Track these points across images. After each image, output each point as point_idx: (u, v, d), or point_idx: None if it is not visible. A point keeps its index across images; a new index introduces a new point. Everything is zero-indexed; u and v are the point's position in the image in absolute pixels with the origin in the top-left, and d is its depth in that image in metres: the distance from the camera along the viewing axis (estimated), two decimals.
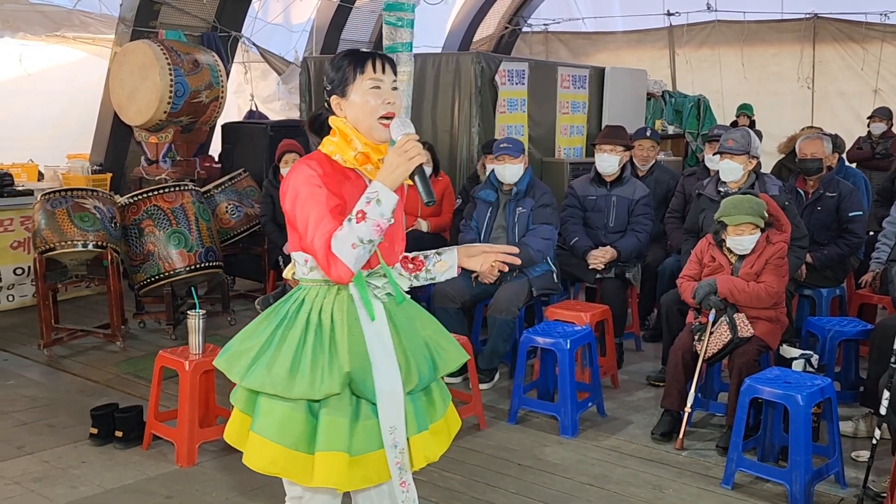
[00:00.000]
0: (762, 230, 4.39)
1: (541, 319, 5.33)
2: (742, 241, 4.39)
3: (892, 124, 8.54)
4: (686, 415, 4.35)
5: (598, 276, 5.59)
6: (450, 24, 11.84)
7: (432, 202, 2.29)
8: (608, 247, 5.55)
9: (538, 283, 5.24)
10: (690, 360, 4.40)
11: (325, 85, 2.41)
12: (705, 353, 4.33)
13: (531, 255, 5.15)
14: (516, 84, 7.40)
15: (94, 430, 4.33)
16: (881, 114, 8.54)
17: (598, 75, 8.44)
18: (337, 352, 2.28)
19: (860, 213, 5.53)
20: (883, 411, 3.58)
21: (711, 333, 4.33)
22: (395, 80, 2.39)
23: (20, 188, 6.84)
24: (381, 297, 2.36)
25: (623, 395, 5.19)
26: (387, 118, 2.32)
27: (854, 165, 7.92)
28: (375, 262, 2.36)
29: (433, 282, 2.55)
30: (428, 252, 2.55)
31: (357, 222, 2.20)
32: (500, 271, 4.67)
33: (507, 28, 12.37)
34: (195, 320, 4.16)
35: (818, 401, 3.87)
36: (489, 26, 12.30)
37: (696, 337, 4.39)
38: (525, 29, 12.71)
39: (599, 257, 5.51)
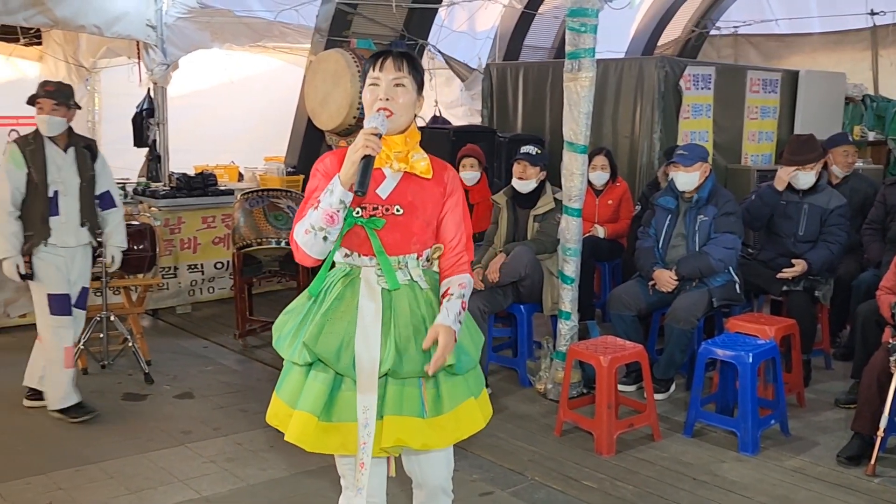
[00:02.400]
0: None
1: (721, 331, 5.17)
2: None
3: None
4: (879, 439, 4.09)
5: (784, 288, 5.35)
6: (634, 28, 11.65)
7: (360, 193, 2.31)
8: (801, 260, 5.30)
9: (719, 293, 5.08)
10: (886, 381, 4.13)
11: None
12: None
13: (712, 264, 5.00)
14: (702, 89, 7.20)
15: None
16: None
17: (792, 79, 8.08)
18: (308, 324, 2.45)
19: None
20: None
21: None
22: (399, 78, 2.44)
23: (222, 188, 7.34)
24: (383, 284, 2.46)
25: (809, 414, 4.94)
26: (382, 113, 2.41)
27: None
28: (371, 251, 2.45)
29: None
30: (453, 296, 2.50)
31: (314, 210, 2.35)
32: (678, 279, 4.52)
33: (693, 31, 12.03)
34: None
35: None
36: (675, 30, 12.00)
37: (894, 357, 4.12)
38: (713, 32, 12.31)
39: (789, 272, 5.27)
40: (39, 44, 9.19)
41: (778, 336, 4.73)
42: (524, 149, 5.43)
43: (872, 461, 4.09)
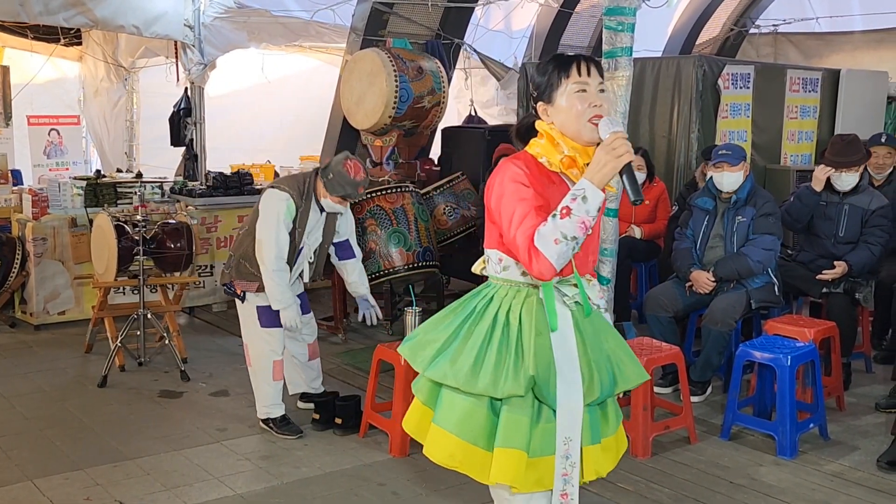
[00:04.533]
0: None
1: (759, 333, 5.10)
2: None
3: None
4: None
5: (824, 290, 5.26)
6: (672, 27, 11.55)
7: (639, 201, 2.26)
8: (841, 262, 5.21)
9: (757, 294, 5.01)
10: None
11: (531, 91, 2.45)
12: None
13: (751, 266, 4.93)
14: (741, 88, 7.11)
15: (317, 416, 4.61)
16: None
17: (833, 78, 7.95)
18: (523, 354, 2.30)
19: None
20: None
21: None
22: (601, 83, 2.36)
23: (258, 187, 7.40)
24: (570, 305, 2.38)
25: (849, 418, 4.85)
26: (595, 120, 2.30)
27: None
28: (569, 270, 2.36)
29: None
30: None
31: (561, 218, 2.19)
32: (716, 280, 4.47)
33: (732, 30, 11.88)
34: (412, 317, 4.33)
35: None
36: (713, 28, 11.86)
37: None
38: (752, 30, 12.15)
39: (829, 273, 5.20)
40: (79, 44, 9.34)
41: (817, 339, 4.65)
42: None
43: None
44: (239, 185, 7.17)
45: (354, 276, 4.75)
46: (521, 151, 2.44)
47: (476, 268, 2.57)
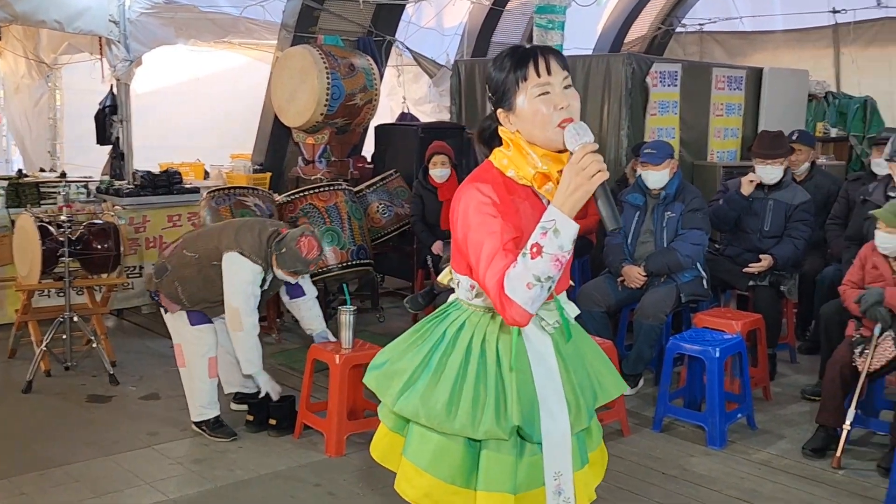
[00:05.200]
0: None
1: (689, 326, 5.20)
2: (881, 237, 4.14)
3: None
4: (844, 432, 4.15)
5: (751, 283, 5.40)
6: (601, 25, 11.70)
7: (617, 229, 2.02)
8: (767, 255, 5.36)
9: (687, 288, 5.11)
10: (849, 375, 4.19)
11: (488, 95, 2.15)
12: (867, 368, 4.11)
13: (680, 260, 5.03)
14: (668, 86, 7.24)
15: (250, 417, 4.55)
16: None
17: (756, 76, 8.15)
18: (505, 397, 2.10)
19: None
20: None
21: (876, 346, 4.10)
22: (566, 77, 2.07)
23: (188, 186, 7.26)
24: (550, 330, 2.16)
25: (775, 408, 4.99)
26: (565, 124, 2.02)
27: None
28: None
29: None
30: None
31: (532, 258, 1.90)
32: (647, 275, 4.58)
33: (660, 29, 12.10)
34: (346, 316, 4.30)
35: None
36: (641, 27, 12.06)
37: (858, 351, 4.17)
38: (679, 29, 12.39)
39: (755, 266, 5.34)
40: None
41: (744, 330, 4.77)
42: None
43: (838, 453, 4.14)
44: (168, 184, 7.03)
45: (304, 312, 4.73)
46: (486, 164, 2.17)
47: (443, 278, 2.33)
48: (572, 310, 2.29)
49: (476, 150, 2.30)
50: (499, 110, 2.12)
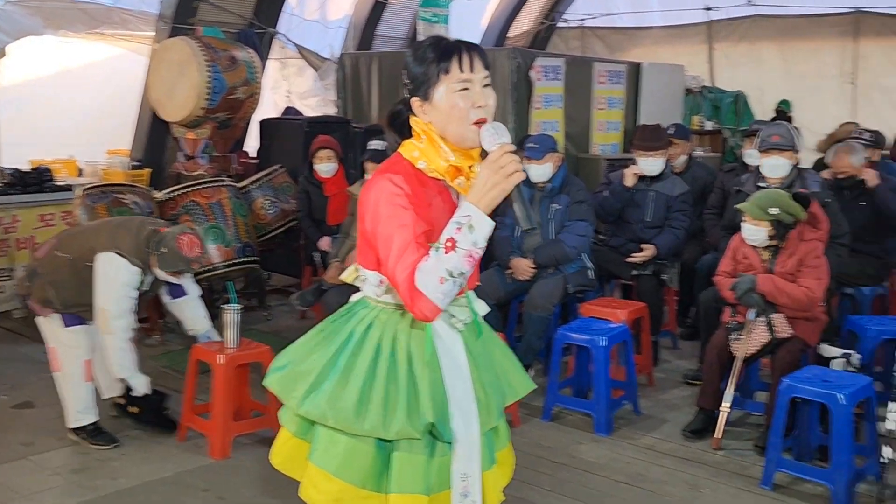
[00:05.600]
0: (786, 226, 4.29)
1: (576, 316, 5.30)
2: (747, 228, 4.31)
3: None
4: (723, 414, 4.31)
5: (634, 272, 5.55)
6: (485, 19, 11.80)
7: (534, 230, 2.06)
8: (649, 245, 5.51)
9: (574, 279, 5.21)
10: (727, 359, 4.35)
11: (404, 81, 2.12)
12: (743, 352, 4.28)
13: (567, 251, 5.12)
14: (552, 80, 7.36)
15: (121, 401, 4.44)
16: None
17: (635, 70, 8.37)
18: (417, 393, 2.06)
19: None
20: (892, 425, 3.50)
21: (750, 332, 4.27)
22: (486, 76, 2.07)
23: (60, 183, 6.94)
24: (460, 327, 2.14)
25: (659, 393, 5.15)
26: (479, 123, 2.03)
27: None
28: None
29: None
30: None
31: (446, 252, 1.89)
32: (535, 267, 4.63)
33: (542, 24, 12.30)
34: (230, 315, 4.20)
35: (860, 400, 3.81)
36: (525, 22, 12.22)
37: (733, 336, 4.34)
38: (561, 24, 12.62)
39: (639, 256, 5.48)
40: None
41: (629, 319, 4.90)
42: (370, 145, 5.33)
43: (718, 434, 4.29)
44: (38, 181, 6.70)
45: (187, 312, 4.58)
46: (395, 156, 2.13)
47: (348, 276, 2.27)
48: (482, 308, 2.27)
49: (385, 133, 2.24)
50: (414, 99, 2.10)
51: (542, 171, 5.20)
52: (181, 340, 6.00)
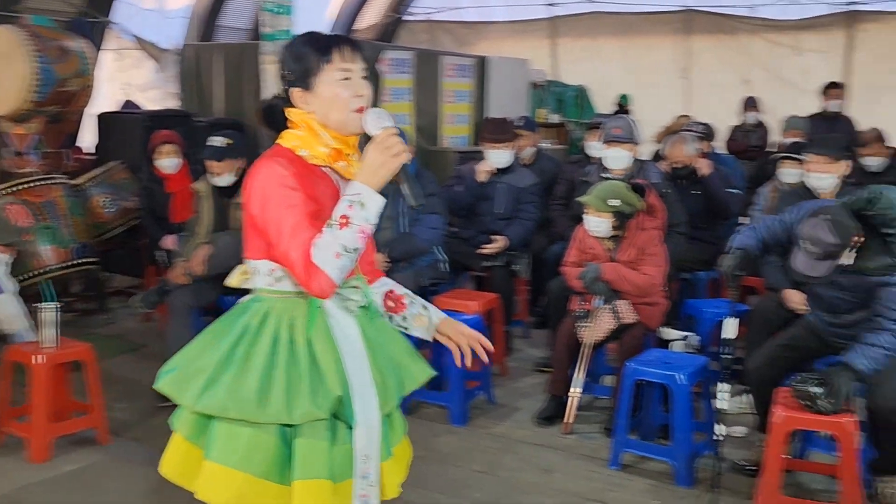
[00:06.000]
0: (626, 216, 4.45)
1: None
2: (590, 220, 4.45)
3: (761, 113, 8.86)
4: (572, 399, 4.43)
5: (486, 264, 5.62)
6: (330, 11, 11.68)
7: (421, 207, 2.09)
8: (500, 236, 5.59)
9: (427, 272, 5.23)
10: (575, 346, 4.47)
11: (282, 73, 2.16)
12: (590, 338, 4.41)
13: (419, 245, 5.12)
14: (401, 73, 7.37)
15: None
16: (752, 104, 8.83)
17: (482, 64, 8.49)
18: (321, 373, 2.07)
19: (738, 190, 5.78)
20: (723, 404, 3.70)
21: (597, 318, 4.41)
22: (364, 69, 2.17)
23: None
24: (355, 310, 2.17)
25: (511, 382, 5.24)
26: (360, 111, 2.11)
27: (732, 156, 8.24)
28: (352, 271, 2.12)
29: (404, 330, 2.35)
30: (414, 297, 2.37)
31: (340, 228, 1.96)
32: (387, 261, 4.59)
33: (390, 17, 12.30)
34: (47, 313, 3.99)
35: (698, 380, 4.00)
36: (372, 15, 12.20)
37: (581, 323, 4.47)
38: (407, 17, 12.66)
39: (491, 248, 5.56)
40: None
41: (482, 310, 4.96)
42: (210, 142, 5.12)
43: (568, 420, 4.41)
44: None
45: (1, 310, 4.29)
46: (275, 147, 2.14)
47: (234, 280, 2.24)
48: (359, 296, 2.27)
49: (259, 127, 2.28)
50: (295, 89, 2.13)
51: None
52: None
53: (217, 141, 5.04)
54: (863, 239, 3.22)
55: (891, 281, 3.27)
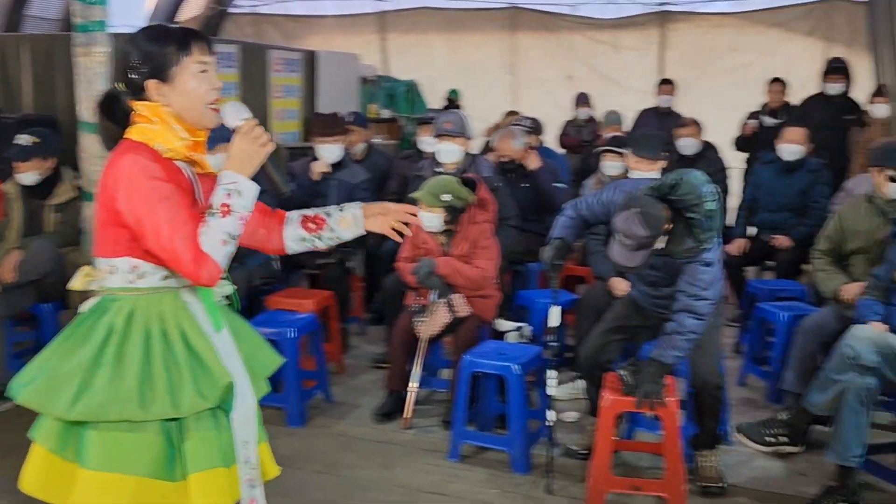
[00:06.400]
0: (458, 210, 4.50)
1: (263, 309, 5.19)
2: (423, 216, 4.46)
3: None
4: (411, 394, 4.44)
5: (319, 261, 5.55)
6: (151, 3, 11.20)
7: (289, 192, 2.18)
8: None
9: (258, 271, 5.10)
10: (412, 341, 4.49)
11: (134, 64, 2.10)
12: (427, 332, 4.44)
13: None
14: (226, 67, 7.16)
15: None
16: (584, 100, 9.12)
17: (311, 59, 8.38)
18: (203, 364, 2.08)
19: (564, 185, 5.98)
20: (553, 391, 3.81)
21: (433, 312, 4.44)
22: (216, 63, 2.24)
23: None
24: (219, 300, 2.24)
25: (350, 379, 5.20)
26: (215, 104, 2.16)
27: (565, 151, 8.53)
28: None
29: (338, 241, 2.42)
30: (328, 208, 2.44)
31: (223, 216, 2.03)
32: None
33: (213, 9, 11.91)
34: None
35: (532, 369, 4.11)
36: (195, 6, 11.78)
37: (417, 318, 4.48)
38: (232, 10, 12.32)
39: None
40: None
41: (317, 308, 4.89)
42: (17, 140, 4.79)
43: (407, 414, 4.42)
44: None
45: None
46: (126, 142, 2.09)
47: (78, 283, 2.19)
48: (229, 287, 2.33)
49: (98, 121, 2.19)
50: (151, 81, 2.09)
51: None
52: None
53: (23, 139, 4.73)
54: (671, 226, 3.38)
55: (694, 260, 3.45)
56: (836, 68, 7.44)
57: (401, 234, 2.51)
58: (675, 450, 3.48)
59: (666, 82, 8.45)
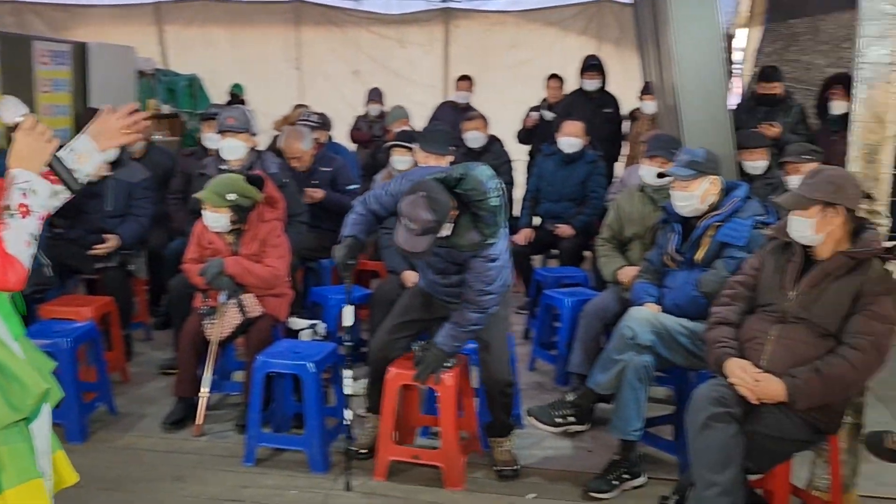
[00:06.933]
0: (245, 209, 4.39)
1: (35, 319, 4.83)
2: (208, 216, 4.36)
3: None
4: (202, 399, 4.29)
5: (98, 265, 5.23)
6: None
7: (80, 189, 2.10)
8: (112, 235, 5.22)
9: (29, 278, 4.71)
10: (202, 344, 4.34)
11: None
12: (217, 335, 4.30)
13: None
14: None
15: None
16: (376, 96, 9.10)
17: (81, 51, 7.89)
18: (10, 374, 2.04)
19: (356, 185, 5.97)
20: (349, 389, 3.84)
21: (223, 314, 4.30)
22: None
23: None
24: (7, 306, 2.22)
25: (135, 388, 4.95)
26: None
27: (356, 147, 8.52)
28: None
29: (88, 178, 2.27)
30: (58, 153, 2.21)
31: (24, 217, 2.00)
32: None
33: None
34: None
35: (327, 366, 4.08)
36: None
37: (207, 320, 4.33)
38: None
39: (102, 248, 5.17)
40: None
41: (96, 315, 4.63)
42: None
43: (199, 421, 4.27)
44: None
45: None
46: None
47: None
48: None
49: None
50: None
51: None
52: None
53: None
54: (457, 213, 3.45)
55: (479, 255, 3.55)
56: (592, 66, 7.90)
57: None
58: (449, 423, 3.67)
59: (464, 78, 8.63)
